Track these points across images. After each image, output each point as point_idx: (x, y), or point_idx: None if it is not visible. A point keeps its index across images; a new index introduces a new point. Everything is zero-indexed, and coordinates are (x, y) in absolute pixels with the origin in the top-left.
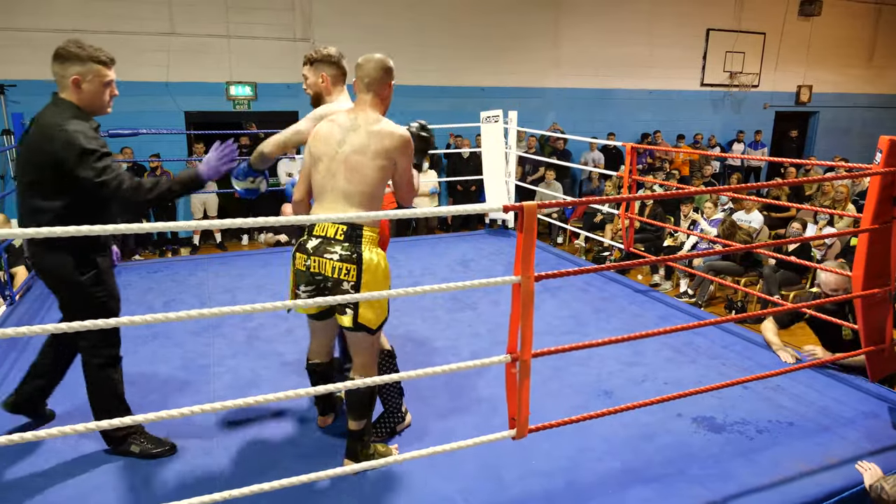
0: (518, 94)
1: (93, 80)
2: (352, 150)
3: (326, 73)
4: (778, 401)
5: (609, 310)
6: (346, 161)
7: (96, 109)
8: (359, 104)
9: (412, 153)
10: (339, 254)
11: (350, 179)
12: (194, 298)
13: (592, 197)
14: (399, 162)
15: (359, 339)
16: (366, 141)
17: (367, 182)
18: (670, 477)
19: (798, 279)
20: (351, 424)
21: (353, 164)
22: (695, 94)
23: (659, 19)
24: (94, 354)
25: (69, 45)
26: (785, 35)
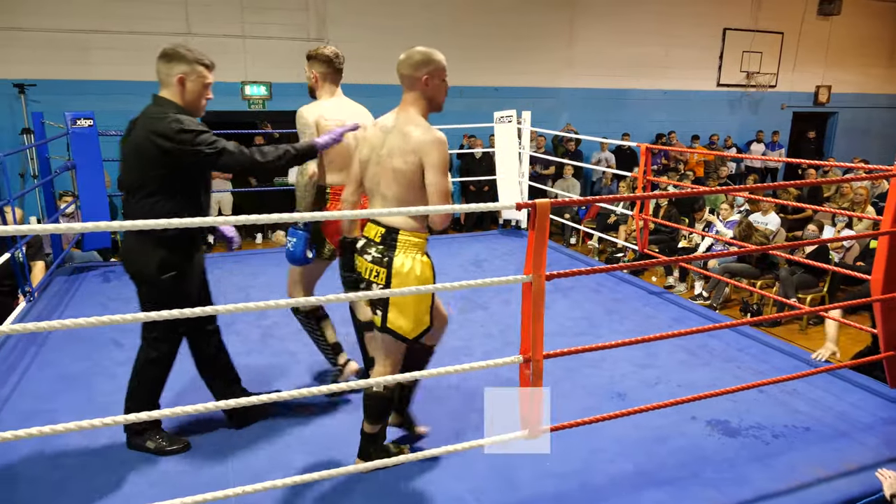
0: (532, 95)
1: (196, 80)
2: (388, 153)
3: (316, 71)
4: (794, 405)
5: (622, 311)
6: (384, 165)
7: (194, 109)
8: (401, 103)
9: (442, 158)
10: (373, 256)
11: (388, 184)
12: None
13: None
14: (426, 171)
15: (386, 342)
16: (398, 143)
17: (402, 185)
18: (684, 480)
19: (815, 282)
20: (365, 427)
21: (389, 167)
22: (711, 94)
23: (675, 19)
24: (154, 348)
25: (177, 47)
26: (803, 34)
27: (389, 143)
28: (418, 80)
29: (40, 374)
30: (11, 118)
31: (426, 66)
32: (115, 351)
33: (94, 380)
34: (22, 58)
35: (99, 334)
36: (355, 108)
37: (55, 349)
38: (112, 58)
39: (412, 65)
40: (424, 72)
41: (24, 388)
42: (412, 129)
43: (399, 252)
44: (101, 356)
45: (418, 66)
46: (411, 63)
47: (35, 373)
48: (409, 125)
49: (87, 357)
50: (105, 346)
